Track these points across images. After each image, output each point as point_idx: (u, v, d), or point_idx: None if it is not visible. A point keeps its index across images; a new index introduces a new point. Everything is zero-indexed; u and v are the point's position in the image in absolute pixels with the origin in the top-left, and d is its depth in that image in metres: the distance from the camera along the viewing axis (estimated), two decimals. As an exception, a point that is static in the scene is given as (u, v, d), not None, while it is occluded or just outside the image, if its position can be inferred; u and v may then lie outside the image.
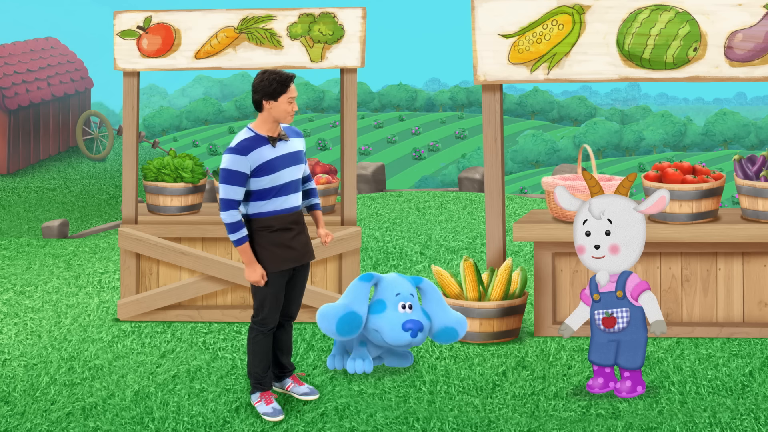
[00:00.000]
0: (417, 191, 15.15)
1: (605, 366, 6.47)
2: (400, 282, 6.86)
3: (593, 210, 6.40)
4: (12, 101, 17.84)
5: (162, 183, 8.47)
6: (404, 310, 6.77)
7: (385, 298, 6.82)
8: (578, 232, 6.46)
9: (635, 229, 6.38)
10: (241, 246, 6.06)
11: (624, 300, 6.39)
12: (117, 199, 17.48)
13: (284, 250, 6.16)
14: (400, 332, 6.73)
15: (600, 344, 6.47)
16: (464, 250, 10.61)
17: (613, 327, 6.41)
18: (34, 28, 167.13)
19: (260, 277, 6.09)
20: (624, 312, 6.40)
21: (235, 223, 6.02)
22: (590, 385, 6.51)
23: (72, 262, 11.10)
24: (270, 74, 6.07)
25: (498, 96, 7.95)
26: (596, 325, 6.47)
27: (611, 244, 6.38)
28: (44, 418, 6.29)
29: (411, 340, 6.74)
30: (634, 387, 6.41)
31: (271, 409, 6.19)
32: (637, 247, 6.39)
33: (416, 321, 6.73)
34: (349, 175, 8.32)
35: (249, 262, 6.09)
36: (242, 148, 6.02)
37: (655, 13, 7.59)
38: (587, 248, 6.43)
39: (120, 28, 8.36)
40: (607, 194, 6.45)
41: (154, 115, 58.74)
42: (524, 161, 51.41)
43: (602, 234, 6.39)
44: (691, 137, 54.62)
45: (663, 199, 6.34)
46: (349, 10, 8.22)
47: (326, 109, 59.04)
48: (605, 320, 6.41)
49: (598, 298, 6.44)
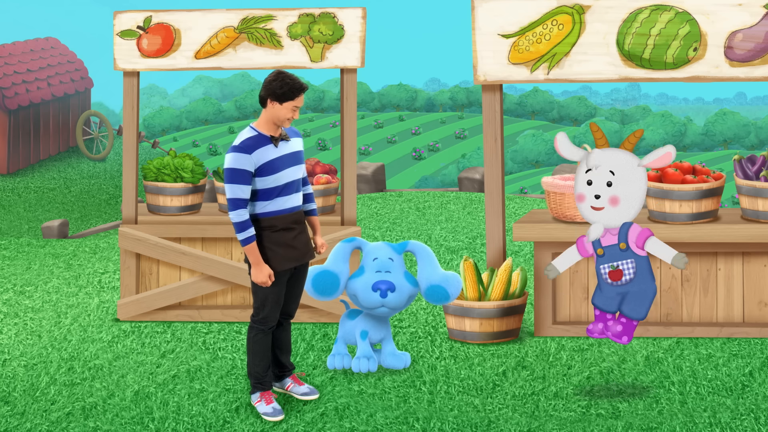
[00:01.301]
0: (417, 191, 15.15)
1: (608, 312, 6.45)
2: (380, 247, 6.93)
3: (591, 160, 6.37)
4: (12, 101, 17.83)
5: (162, 183, 8.46)
6: (379, 274, 6.80)
7: (365, 264, 6.91)
8: (580, 181, 6.43)
9: (636, 186, 6.36)
10: (249, 246, 6.04)
11: (628, 251, 6.37)
12: (117, 199, 17.48)
13: (287, 250, 6.16)
14: (370, 293, 6.79)
15: (607, 296, 6.45)
16: (464, 250, 10.61)
17: (620, 279, 6.40)
18: (34, 28, 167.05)
19: (267, 277, 6.08)
20: (630, 263, 6.38)
21: (242, 222, 6.01)
22: (590, 330, 6.49)
23: (72, 262, 11.10)
24: (285, 77, 6.06)
25: (498, 96, 7.95)
26: (603, 279, 6.44)
27: (612, 195, 6.35)
28: (44, 418, 6.29)
29: (382, 301, 6.78)
30: (622, 334, 6.39)
31: (271, 409, 6.19)
32: (636, 203, 6.36)
33: (385, 281, 6.78)
34: (349, 175, 8.32)
35: (256, 262, 6.07)
36: (246, 147, 6.02)
37: (655, 13, 7.59)
38: (587, 197, 6.41)
39: (120, 28, 8.36)
40: (612, 148, 6.42)
41: (154, 115, 58.71)
42: (524, 161, 51.39)
43: (604, 184, 6.37)
44: (691, 137, 54.61)
45: (668, 155, 6.31)
46: (349, 10, 8.22)
47: (326, 109, 59.02)
48: (612, 273, 6.39)
49: (602, 253, 6.40)
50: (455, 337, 7.67)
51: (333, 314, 8.21)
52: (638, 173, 6.37)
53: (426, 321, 8.20)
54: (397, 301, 6.81)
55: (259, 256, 6.06)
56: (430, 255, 6.94)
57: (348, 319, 7.09)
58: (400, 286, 6.81)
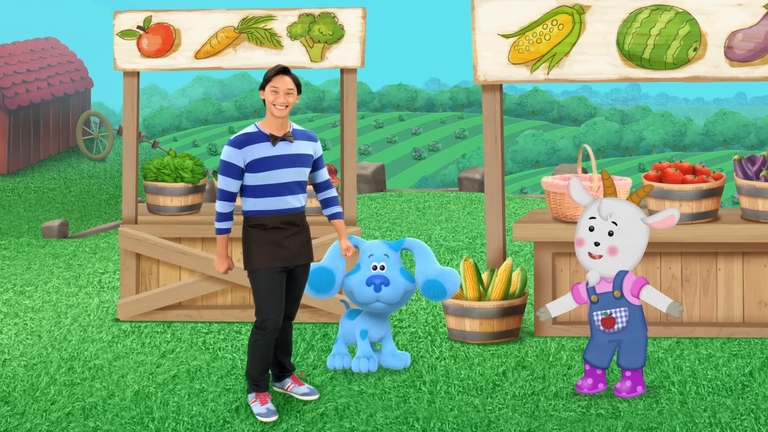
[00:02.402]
0: (417, 191, 15.16)
1: (598, 368, 6.46)
2: (375, 245, 6.96)
3: (602, 210, 6.39)
4: (12, 101, 17.84)
5: (162, 183, 8.47)
6: (375, 271, 6.83)
7: (361, 261, 6.94)
8: (582, 226, 6.45)
9: (637, 240, 6.37)
10: (220, 236, 6.24)
11: (622, 300, 6.39)
12: (117, 199, 17.49)
13: (275, 248, 6.16)
14: (365, 288, 6.82)
15: (599, 345, 6.46)
16: (464, 250, 10.61)
17: (612, 327, 6.41)
18: (34, 28, 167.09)
19: (225, 270, 6.32)
20: (623, 312, 6.40)
21: (223, 213, 6.18)
22: (579, 386, 6.49)
23: (72, 262, 11.10)
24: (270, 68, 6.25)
25: (498, 96, 7.95)
26: (595, 327, 6.46)
27: (611, 245, 6.37)
28: (44, 418, 6.29)
29: (377, 295, 6.81)
30: (635, 387, 6.40)
31: (265, 409, 6.19)
32: (635, 256, 6.38)
33: (379, 276, 6.82)
34: (349, 175, 8.32)
35: (220, 253, 6.29)
36: (238, 142, 6.12)
37: (655, 13, 7.60)
38: (587, 242, 6.42)
39: (120, 28, 8.36)
40: (619, 198, 6.44)
41: (154, 115, 58.72)
42: (524, 161, 51.40)
43: (605, 233, 6.39)
44: (691, 137, 54.61)
45: (672, 218, 6.32)
46: (349, 10, 8.23)
47: (326, 109, 59.02)
48: (604, 321, 6.41)
49: (596, 299, 6.43)
50: (455, 337, 7.67)
51: (333, 314, 8.21)
52: (641, 228, 6.38)
53: (426, 321, 8.20)
54: (392, 296, 6.82)
55: (224, 248, 6.27)
56: (427, 251, 6.96)
57: (348, 318, 7.09)
58: (394, 280, 6.82)
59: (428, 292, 6.88)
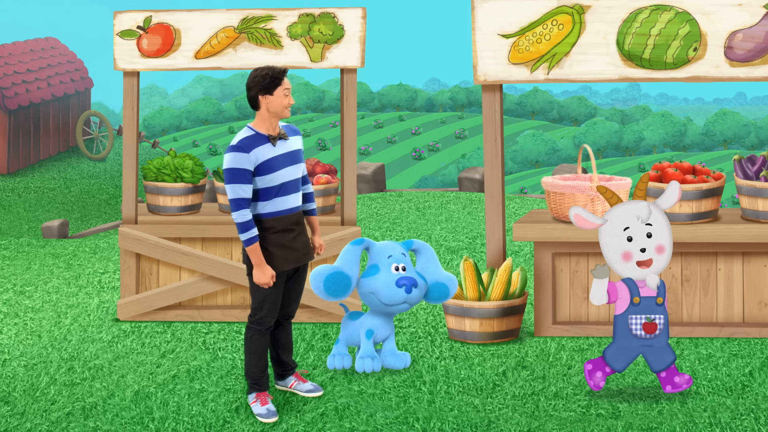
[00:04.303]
0: (417, 191, 15.15)
1: (615, 370, 6.41)
2: (391, 246, 6.97)
3: (643, 215, 6.34)
4: (12, 101, 17.84)
5: (162, 183, 8.47)
6: (398, 272, 6.84)
7: (378, 261, 6.91)
8: (619, 241, 6.34)
9: (668, 228, 6.39)
10: (252, 246, 6.02)
11: (662, 307, 6.36)
12: (117, 199, 17.48)
13: (286, 251, 6.16)
14: (394, 289, 6.82)
15: (624, 348, 6.37)
16: (464, 250, 10.61)
17: (653, 333, 6.36)
18: (34, 28, 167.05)
19: (269, 278, 6.07)
20: (662, 319, 6.37)
21: (245, 222, 5.99)
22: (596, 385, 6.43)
23: (72, 262, 11.10)
24: (262, 69, 6.09)
25: (498, 96, 7.95)
26: (629, 329, 6.38)
27: (657, 244, 6.34)
28: (44, 418, 6.29)
29: (406, 296, 6.82)
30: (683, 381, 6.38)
31: (265, 410, 6.19)
32: (671, 246, 6.41)
33: (410, 278, 6.85)
34: (349, 175, 8.32)
35: (258, 263, 6.05)
36: (244, 146, 6.01)
37: (655, 13, 7.60)
38: (634, 253, 6.35)
39: (120, 28, 8.36)
40: (632, 200, 6.41)
41: (154, 115, 58.72)
42: (524, 161, 51.40)
43: (644, 237, 6.35)
44: (691, 137, 54.61)
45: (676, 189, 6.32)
46: (349, 10, 8.22)
47: (326, 109, 59.02)
48: (646, 326, 6.34)
49: (638, 302, 6.37)
50: (455, 337, 7.67)
51: (333, 314, 8.21)
52: (665, 216, 6.39)
53: (426, 321, 8.20)
54: (419, 297, 6.91)
55: (261, 257, 6.03)
56: (434, 254, 7.07)
57: (350, 320, 7.08)
58: (420, 282, 6.89)
59: (434, 294, 6.97)
